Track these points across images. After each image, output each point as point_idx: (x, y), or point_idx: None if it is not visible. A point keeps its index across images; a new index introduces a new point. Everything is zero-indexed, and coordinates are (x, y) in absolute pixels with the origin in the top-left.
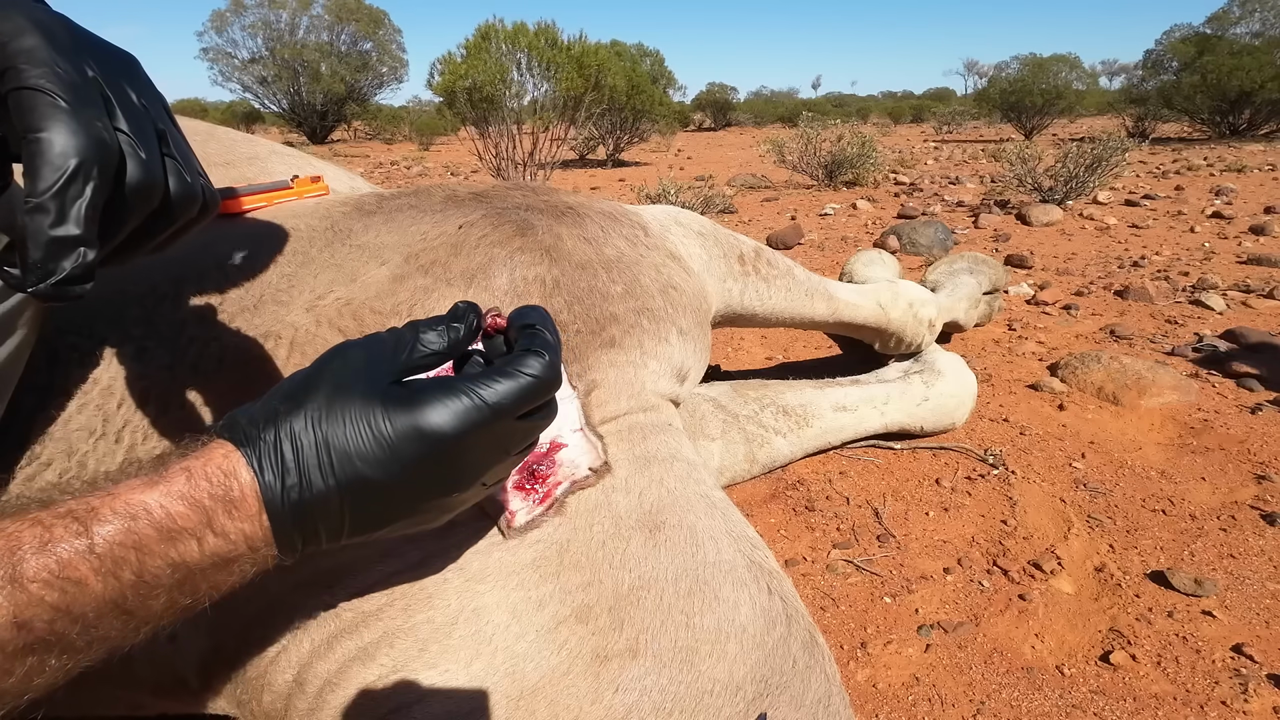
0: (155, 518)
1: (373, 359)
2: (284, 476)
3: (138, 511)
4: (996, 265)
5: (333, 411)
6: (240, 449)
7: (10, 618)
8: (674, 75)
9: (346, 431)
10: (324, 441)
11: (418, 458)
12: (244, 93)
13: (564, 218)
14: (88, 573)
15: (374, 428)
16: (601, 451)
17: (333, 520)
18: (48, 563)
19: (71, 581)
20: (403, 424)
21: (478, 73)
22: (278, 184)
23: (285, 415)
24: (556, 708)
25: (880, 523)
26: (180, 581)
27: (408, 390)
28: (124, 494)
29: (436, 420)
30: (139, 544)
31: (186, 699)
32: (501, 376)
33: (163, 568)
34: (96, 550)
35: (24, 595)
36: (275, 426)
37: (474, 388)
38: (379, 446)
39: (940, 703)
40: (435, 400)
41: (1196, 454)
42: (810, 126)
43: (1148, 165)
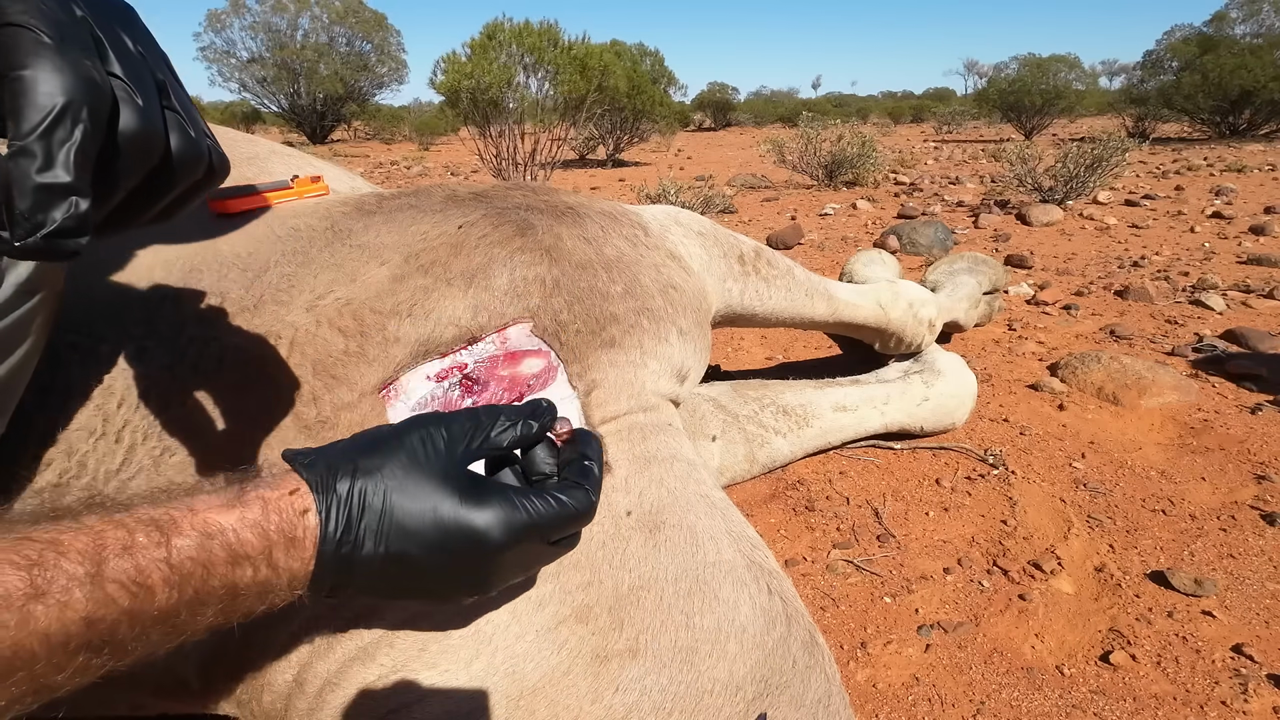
0: (227, 541)
1: (452, 440)
2: (344, 532)
3: (214, 532)
4: (996, 265)
5: (405, 486)
6: (315, 494)
7: (84, 614)
8: (674, 75)
9: (410, 508)
10: (389, 511)
11: (462, 554)
12: (243, 93)
13: (564, 218)
14: (159, 582)
15: (436, 515)
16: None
17: (366, 580)
18: (127, 567)
19: (144, 588)
20: (463, 522)
21: (484, 73)
22: (278, 184)
23: (362, 473)
24: (556, 707)
25: (880, 523)
26: (227, 603)
27: (475, 489)
28: (203, 512)
29: (492, 529)
30: (208, 562)
31: (187, 699)
32: (553, 501)
33: (218, 588)
34: (171, 562)
35: (101, 594)
36: (351, 481)
37: (528, 506)
38: (434, 532)
39: (940, 703)
40: (495, 507)
41: (1196, 454)
42: (810, 126)
43: (1148, 165)
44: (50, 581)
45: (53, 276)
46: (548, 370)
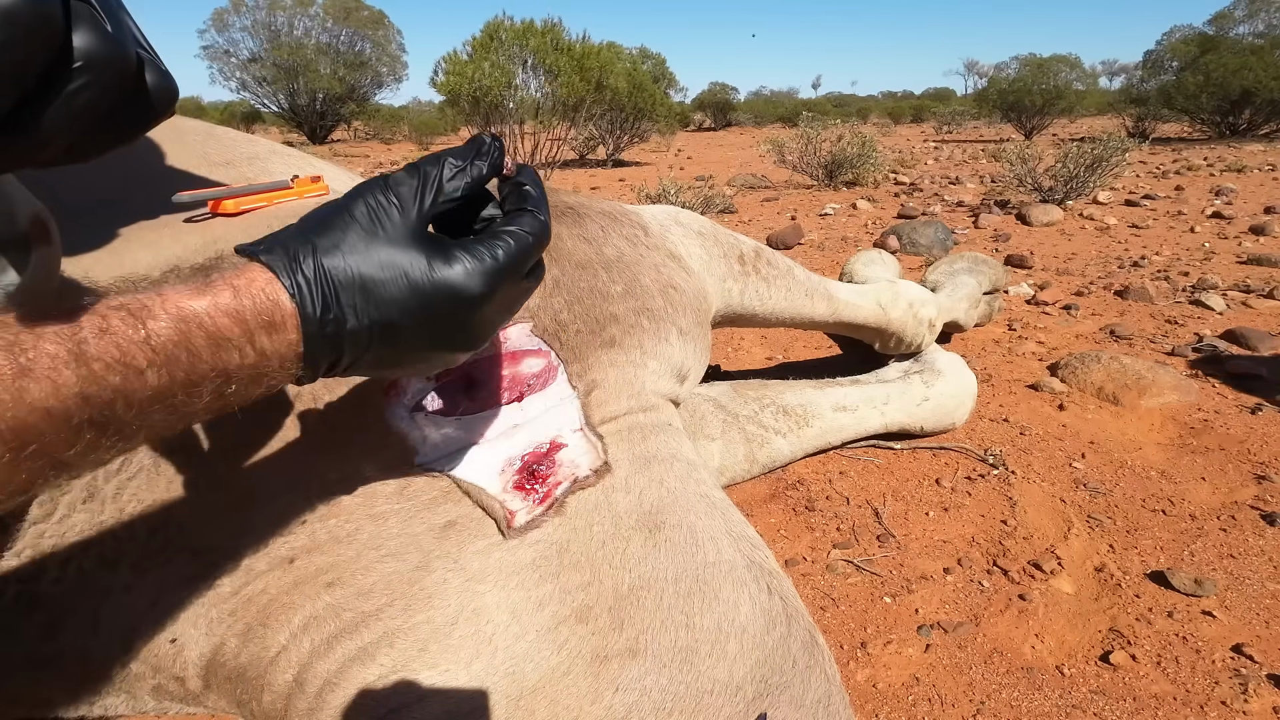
0: (204, 325)
1: (404, 203)
2: (323, 311)
3: (188, 316)
4: (996, 265)
5: (370, 256)
6: (281, 277)
7: (77, 390)
8: (674, 75)
9: (382, 277)
10: (360, 284)
11: (447, 312)
12: (243, 92)
13: (564, 217)
14: (144, 364)
15: (409, 278)
16: (601, 451)
17: (356, 352)
18: (109, 347)
19: (131, 369)
20: (440, 281)
21: (484, 74)
22: (278, 184)
23: (323, 252)
24: (556, 708)
25: (880, 523)
26: (219, 385)
27: (441, 248)
28: (173, 298)
29: (470, 281)
30: (190, 347)
31: (187, 698)
32: (512, 238)
33: (207, 371)
34: (152, 344)
35: (88, 372)
36: (314, 260)
37: (495, 249)
38: (414, 297)
39: (940, 703)
40: (464, 260)
41: (1196, 454)
42: (810, 126)
43: (1148, 165)
44: (34, 361)
45: (44, 287)
46: (548, 370)
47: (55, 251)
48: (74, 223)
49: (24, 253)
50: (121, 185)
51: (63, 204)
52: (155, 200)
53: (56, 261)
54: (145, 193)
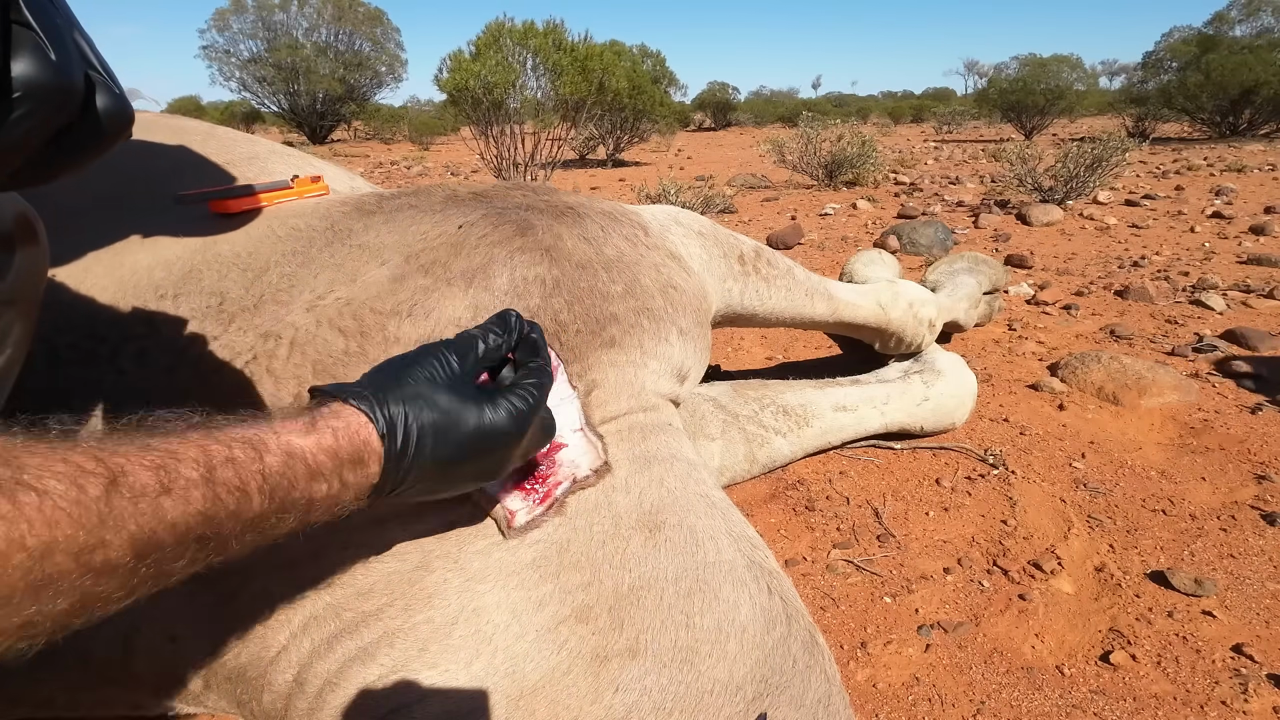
0: (307, 462)
1: (461, 359)
2: (402, 449)
3: (296, 453)
4: (996, 265)
5: (437, 403)
6: (374, 423)
7: (201, 510)
8: (675, 75)
9: (448, 422)
10: (430, 428)
11: (491, 449)
12: (243, 92)
13: (564, 217)
14: (255, 490)
15: (469, 425)
16: (602, 451)
17: (415, 482)
18: (231, 476)
19: (245, 494)
20: (489, 425)
21: (489, 73)
22: (278, 184)
23: (406, 400)
24: (556, 707)
25: (880, 523)
26: (304, 512)
27: (487, 396)
28: (284, 435)
29: (510, 425)
30: (292, 478)
31: (187, 699)
32: (532, 391)
33: (299, 499)
34: (265, 474)
35: (213, 494)
36: (401, 408)
37: (524, 398)
38: (471, 438)
39: (940, 703)
40: (505, 408)
41: (1196, 454)
42: (810, 126)
43: (1148, 165)
44: (174, 481)
45: (30, 288)
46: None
47: (42, 252)
48: (74, 223)
49: (8, 253)
50: (122, 185)
51: (62, 204)
52: (155, 200)
53: (44, 263)
54: (145, 193)
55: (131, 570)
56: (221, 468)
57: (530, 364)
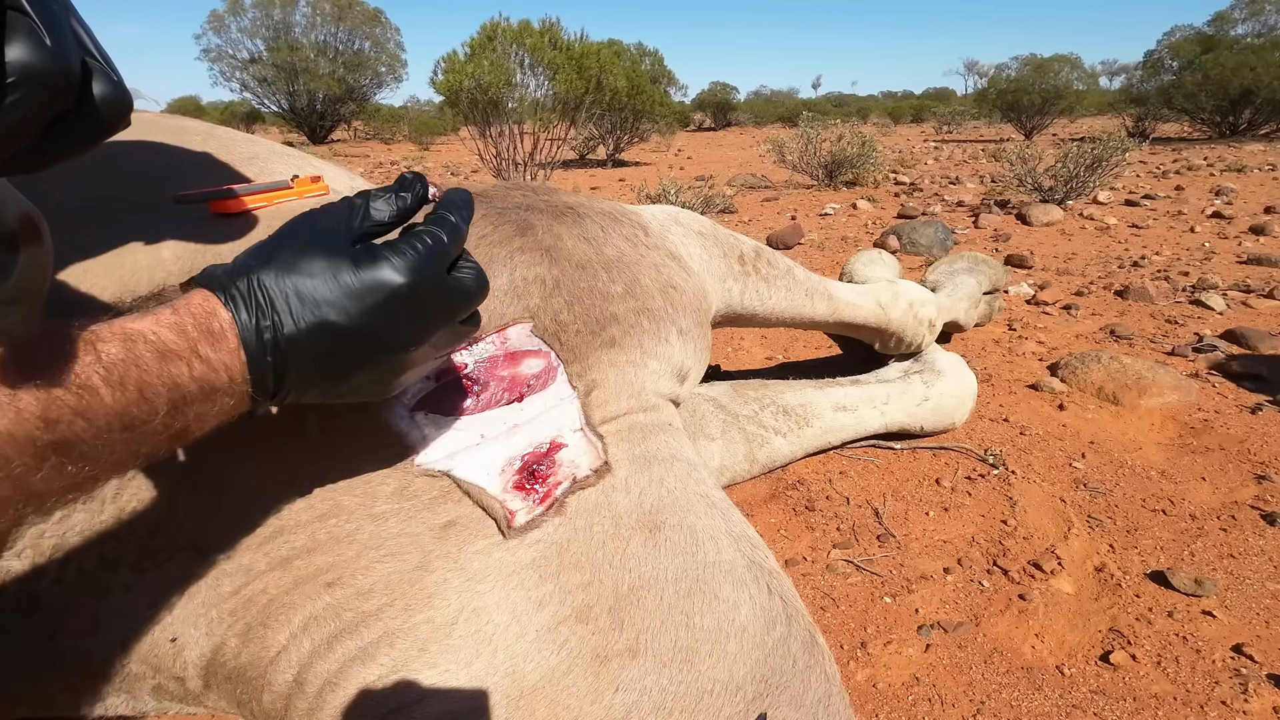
0: (150, 341)
1: (333, 224)
2: (258, 317)
3: (134, 335)
4: (996, 265)
5: (299, 266)
6: (216, 293)
7: (39, 414)
8: (674, 75)
9: (314, 282)
10: (293, 289)
11: (376, 304)
12: (244, 93)
13: (564, 217)
14: (99, 382)
15: (339, 279)
16: (602, 451)
17: (301, 361)
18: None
19: (87, 388)
20: (365, 275)
21: (483, 73)
22: (278, 184)
23: (256, 269)
24: (556, 707)
25: (880, 523)
26: (173, 404)
27: (366, 249)
28: (120, 322)
29: (394, 272)
30: (138, 361)
31: (187, 699)
32: (428, 235)
33: (158, 385)
34: (104, 363)
35: (46, 395)
36: (248, 276)
37: (413, 244)
38: (343, 294)
39: (940, 703)
40: (387, 257)
41: (1196, 454)
42: (810, 126)
43: (1148, 165)
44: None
45: (34, 288)
46: (547, 370)
47: (46, 252)
48: (74, 223)
49: (12, 253)
50: (122, 185)
51: (62, 204)
52: (155, 200)
53: (48, 262)
54: (145, 193)
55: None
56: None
57: (433, 216)
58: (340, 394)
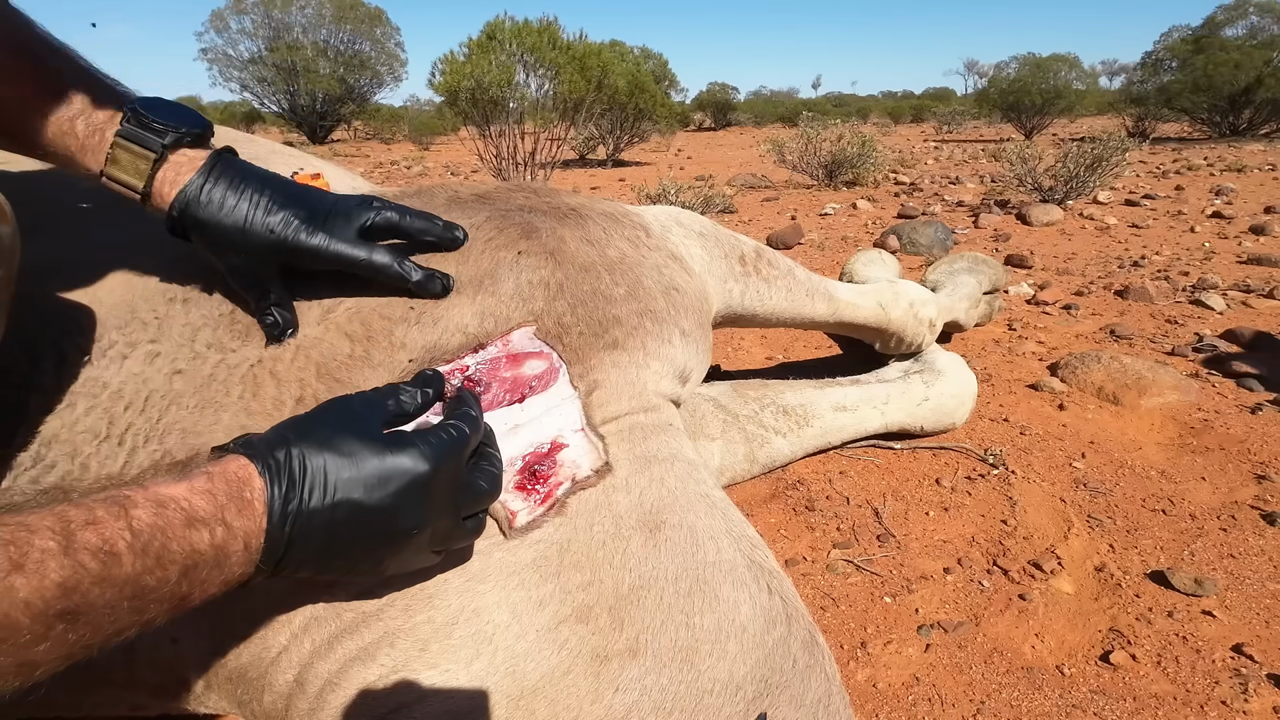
0: (180, 507)
1: (367, 411)
2: (288, 490)
3: (166, 500)
4: (996, 265)
5: (334, 446)
6: (254, 463)
7: (59, 580)
8: (676, 77)
9: (345, 461)
10: (323, 466)
11: (399, 487)
12: (243, 93)
13: (567, 220)
14: (124, 549)
15: (369, 459)
16: (603, 452)
17: (317, 543)
18: (92, 537)
19: (111, 554)
20: (394, 459)
21: (483, 73)
22: None
23: (294, 442)
24: (557, 707)
25: (880, 522)
26: (186, 570)
27: (396, 435)
28: (154, 488)
29: (418, 460)
30: (165, 527)
31: (187, 699)
32: (453, 428)
33: (178, 552)
34: (133, 528)
35: (72, 562)
36: (287, 449)
37: (438, 435)
38: (372, 473)
39: (940, 703)
40: (413, 445)
41: (1196, 454)
42: (810, 126)
43: (1148, 165)
44: (25, 555)
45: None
46: (549, 372)
47: (14, 232)
48: (75, 223)
49: None
50: None
51: (68, 206)
52: None
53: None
54: None
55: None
56: (81, 531)
57: (457, 412)
58: (333, 569)
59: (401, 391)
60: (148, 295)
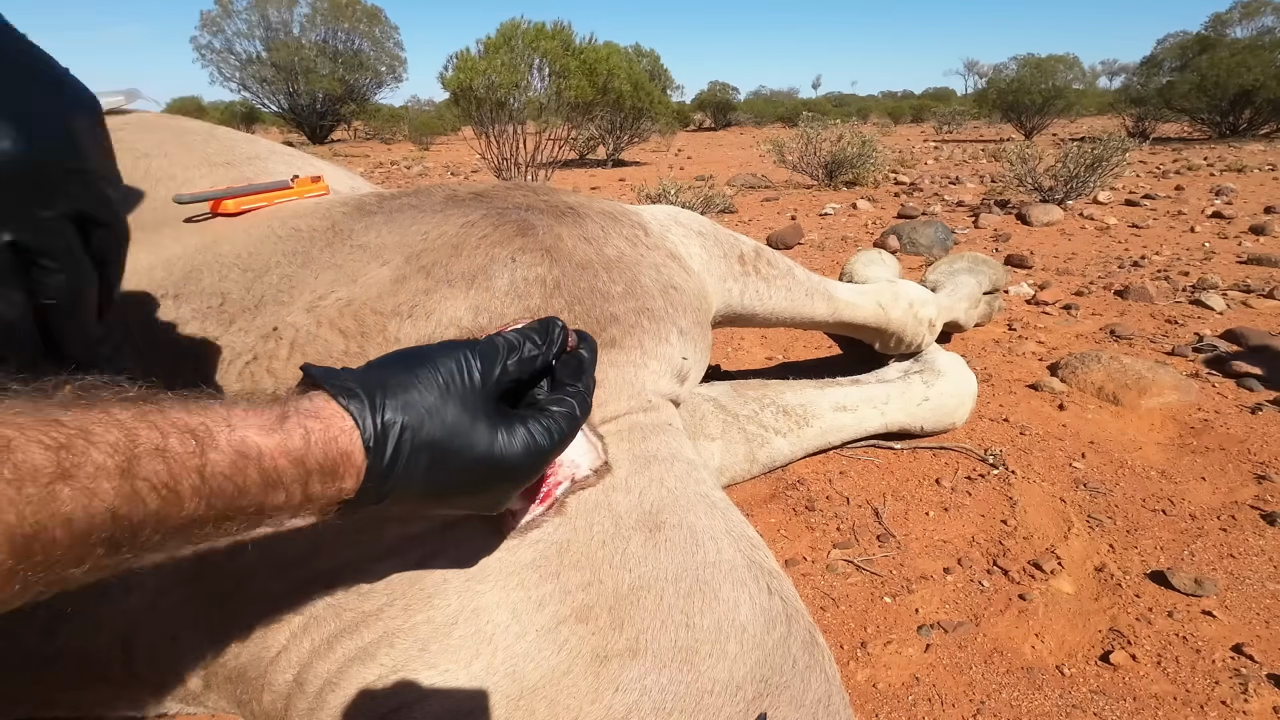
0: (264, 466)
1: (486, 370)
2: (389, 466)
3: (251, 453)
4: (996, 265)
5: (443, 418)
6: (359, 428)
7: (110, 506)
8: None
9: (451, 446)
10: (429, 446)
11: (492, 481)
12: (243, 92)
13: (564, 218)
14: (188, 491)
15: (475, 453)
16: (602, 451)
17: (397, 504)
18: (159, 469)
19: (174, 494)
20: (498, 457)
21: (496, 73)
22: (278, 184)
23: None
24: (556, 707)
25: (880, 523)
26: (252, 522)
27: (505, 422)
28: (240, 429)
29: (522, 460)
30: (242, 485)
31: (187, 699)
32: (562, 418)
33: (247, 507)
34: (205, 474)
35: (129, 490)
36: (397, 417)
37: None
38: (474, 468)
39: (940, 703)
40: (522, 438)
41: (1196, 454)
42: (810, 126)
43: (1148, 165)
44: (78, 466)
45: None
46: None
47: None
48: None
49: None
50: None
51: None
52: (156, 200)
53: None
54: (146, 193)
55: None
56: (148, 459)
57: (568, 386)
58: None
59: (523, 343)
60: (138, 294)
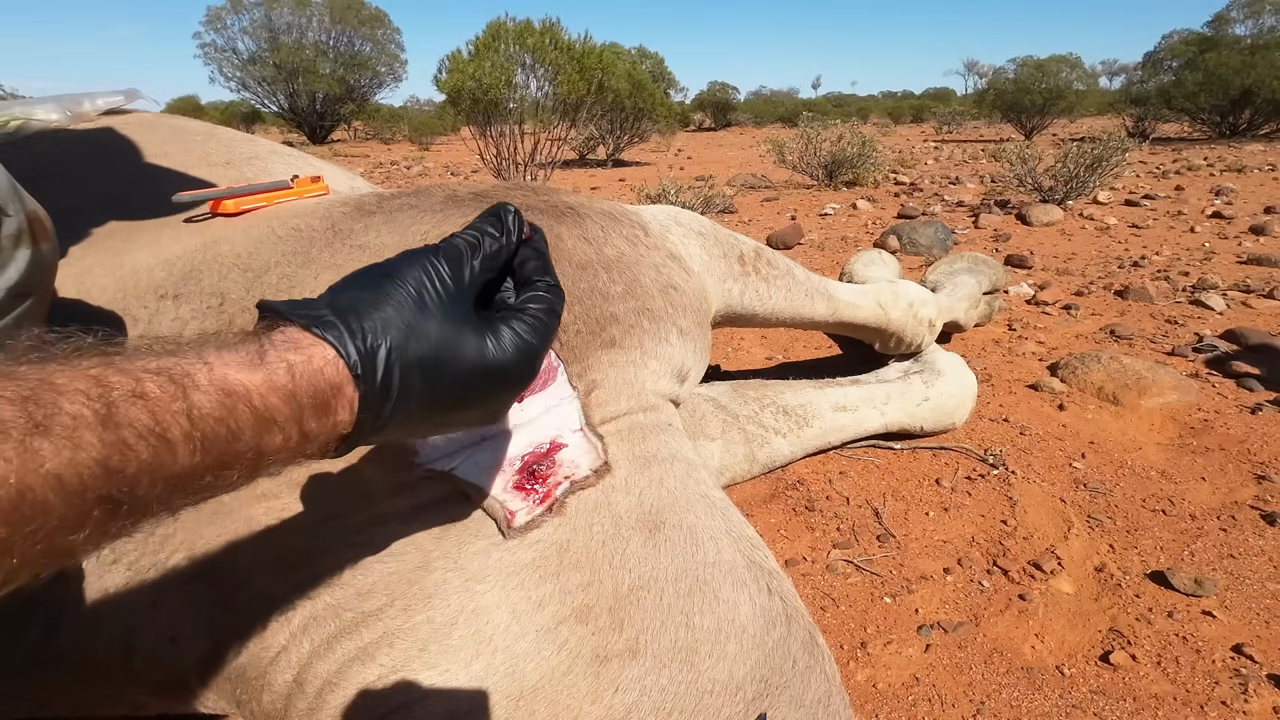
0: (253, 405)
1: (454, 275)
2: (383, 395)
3: (237, 392)
4: (996, 265)
5: (427, 332)
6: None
7: (99, 458)
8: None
9: (441, 357)
10: (419, 364)
11: (488, 389)
12: (243, 92)
13: (564, 218)
14: (179, 438)
15: (467, 362)
16: (602, 452)
17: (398, 430)
18: (141, 415)
19: (165, 443)
20: (490, 364)
21: (484, 73)
22: (278, 184)
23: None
24: (556, 708)
25: (880, 523)
26: (251, 468)
27: (490, 327)
28: (220, 368)
29: (513, 363)
30: (234, 429)
31: (187, 699)
32: (542, 315)
33: (245, 452)
34: (192, 417)
35: (115, 438)
36: (384, 344)
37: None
38: (469, 378)
39: (940, 703)
40: (509, 342)
41: (1196, 454)
42: (810, 126)
43: (1148, 165)
44: (50, 418)
45: (45, 280)
46: (547, 370)
47: (53, 249)
48: (75, 222)
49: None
50: (123, 185)
51: (63, 204)
52: (156, 200)
53: (54, 259)
54: (146, 192)
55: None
56: (126, 404)
57: (537, 281)
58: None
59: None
60: (138, 291)
